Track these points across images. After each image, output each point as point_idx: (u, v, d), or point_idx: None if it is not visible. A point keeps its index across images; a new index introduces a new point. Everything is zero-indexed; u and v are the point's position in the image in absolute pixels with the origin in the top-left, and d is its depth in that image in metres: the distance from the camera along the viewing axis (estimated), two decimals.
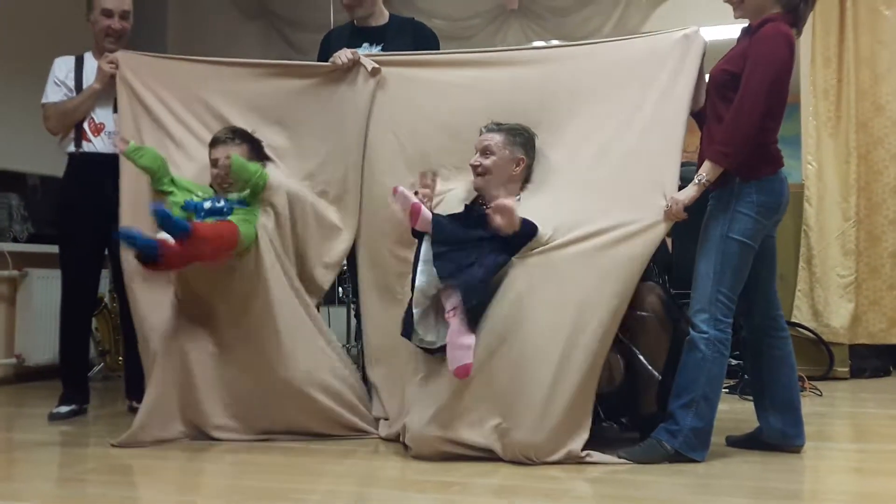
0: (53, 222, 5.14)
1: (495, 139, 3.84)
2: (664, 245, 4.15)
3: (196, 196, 4.10)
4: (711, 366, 3.47)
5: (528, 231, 3.60)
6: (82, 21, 4.80)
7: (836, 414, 5.03)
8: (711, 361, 3.47)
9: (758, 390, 3.76)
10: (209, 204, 4.02)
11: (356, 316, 4.87)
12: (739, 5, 3.61)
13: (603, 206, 3.68)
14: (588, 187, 3.79)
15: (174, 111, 4.41)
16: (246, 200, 4.08)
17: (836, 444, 4.15)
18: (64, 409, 4.68)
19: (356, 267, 4.36)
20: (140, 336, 4.20)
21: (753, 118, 3.41)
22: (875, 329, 6.28)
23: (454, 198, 3.98)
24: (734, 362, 5.31)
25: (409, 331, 3.64)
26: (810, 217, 6.33)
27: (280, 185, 4.20)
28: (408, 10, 6.49)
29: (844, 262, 6.28)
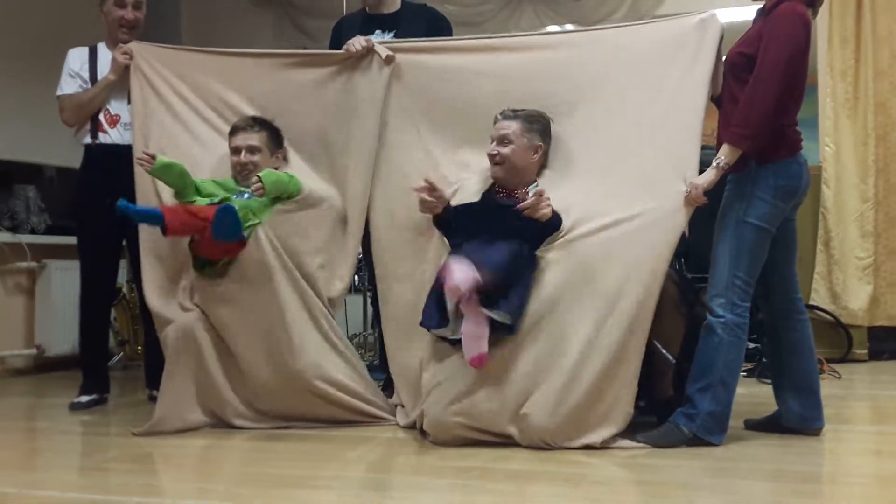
0: (71, 214, 5.15)
1: (513, 127, 3.82)
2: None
3: (221, 197, 4.14)
4: (728, 350, 3.46)
5: (555, 223, 3.61)
6: (96, 12, 4.80)
7: (855, 396, 5.02)
8: (728, 345, 3.46)
9: (776, 373, 3.75)
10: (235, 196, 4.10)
11: (373, 304, 4.88)
12: None
13: (623, 194, 3.68)
14: (607, 174, 3.78)
15: (190, 102, 4.42)
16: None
17: (855, 427, 4.14)
18: (84, 399, 4.71)
19: (371, 255, 4.35)
20: (157, 328, 4.21)
21: (769, 98, 3.39)
22: (894, 311, 6.24)
23: (471, 186, 3.96)
24: (752, 345, 5.30)
25: (430, 321, 3.64)
26: (828, 199, 6.29)
27: (315, 192, 4.25)
28: None
29: (862, 244, 6.25)
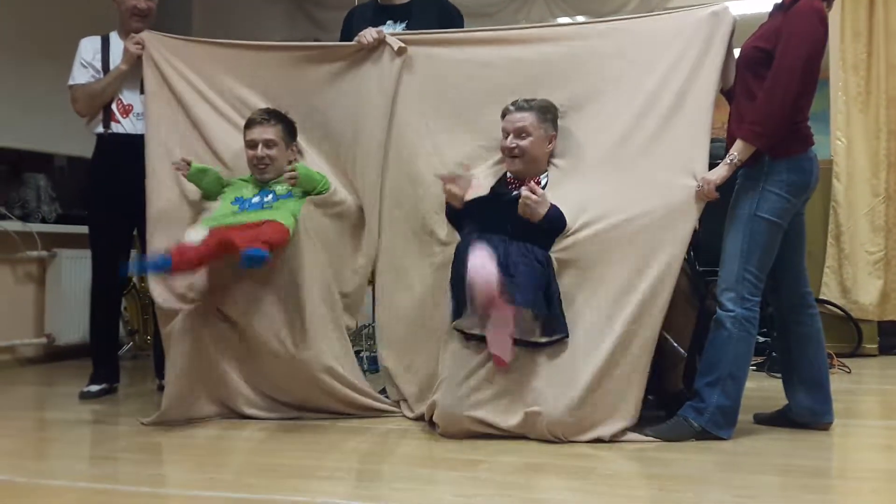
0: (81, 203, 5.17)
1: (529, 119, 3.80)
2: None
3: (244, 193, 4.16)
4: (738, 344, 3.46)
5: (558, 223, 3.61)
6: (108, 1, 4.79)
7: (865, 391, 5.01)
8: (738, 340, 3.46)
9: (786, 367, 3.74)
10: (258, 199, 4.10)
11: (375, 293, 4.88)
12: None
13: (634, 189, 3.68)
14: (617, 168, 3.77)
15: (202, 94, 4.41)
16: (292, 193, 4.13)
17: (865, 422, 4.13)
18: (94, 388, 4.72)
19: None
20: (161, 323, 4.21)
21: (788, 97, 3.38)
22: None
23: (480, 180, 3.94)
24: (762, 340, 5.29)
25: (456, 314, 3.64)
26: (839, 193, 6.27)
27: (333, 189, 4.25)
28: None
29: (873, 239, 6.23)
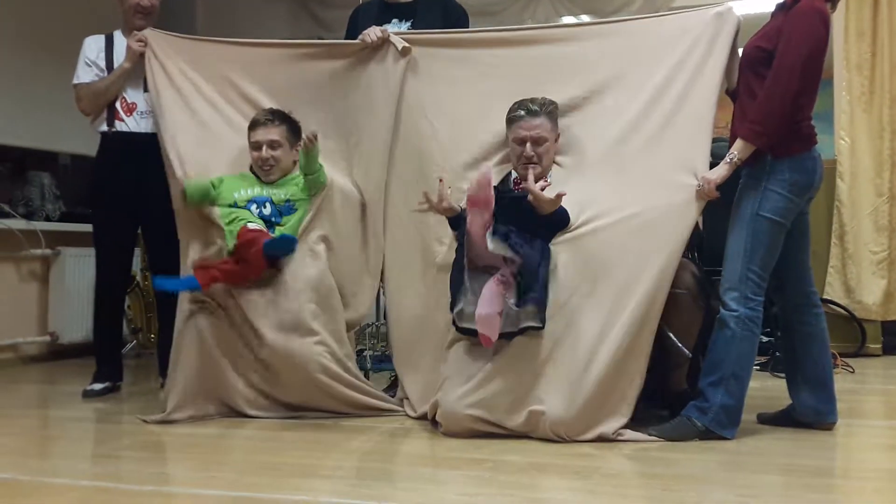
0: (85, 201, 5.17)
1: (545, 125, 3.81)
2: (695, 223, 4.13)
3: (244, 196, 4.16)
4: (741, 343, 3.46)
5: (563, 218, 3.61)
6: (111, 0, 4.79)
7: (869, 391, 5.01)
8: (741, 339, 3.46)
9: (790, 367, 3.74)
10: (258, 211, 4.11)
11: (385, 294, 4.88)
12: None
13: (635, 187, 3.69)
14: (619, 167, 3.78)
15: (205, 93, 4.41)
16: (295, 206, 4.14)
17: (869, 421, 4.13)
18: (98, 387, 4.72)
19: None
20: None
21: (787, 97, 3.38)
22: None
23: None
24: (765, 339, 5.29)
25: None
26: (843, 193, 6.26)
27: (333, 184, 4.24)
28: None
29: (877, 239, 6.22)
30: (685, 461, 3.20)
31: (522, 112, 3.81)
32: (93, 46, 4.74)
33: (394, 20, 4.55)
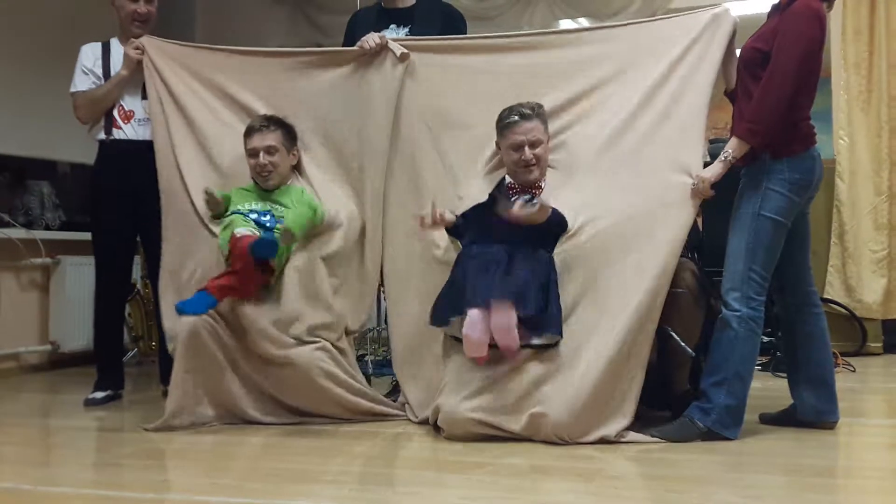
0: (85, 209, 5.17)
1: (539, 127, 3.83)
2: (694, 223, 4.13)
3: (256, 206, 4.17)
4: (744, 344, 3.46)
5: (560, 223, 3.62)
6: (108, 7, 4.78)
7: (870, 389, 5.02)
8: (744, 339, 3.46)
9: (792, 367, 3.74)
10: (268, 218, 4.10)
11: (385, 299, 4.88)
12: None
13: (630, 188, 3.71)
14: (613, 168, 3.81)
15: (203, 100, 4.42)
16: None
17: (870, 420, 4.14)
18: (99, 395, 4.71)
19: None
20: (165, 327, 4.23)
21: (783, 96, 3.39)
22: None
23: (476, 194, 3.94)
24: (766, 339, 5.29)
25: (439, 320, 3.68)
26: (842, 192, 6.27)
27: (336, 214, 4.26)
28: None
29: (877, 237, 6.22)
30: (688, 462, 3.20)
31: (516, 117, 3.82)
32: (89, 54, 4.74)
33: (392, 26, 4.56)
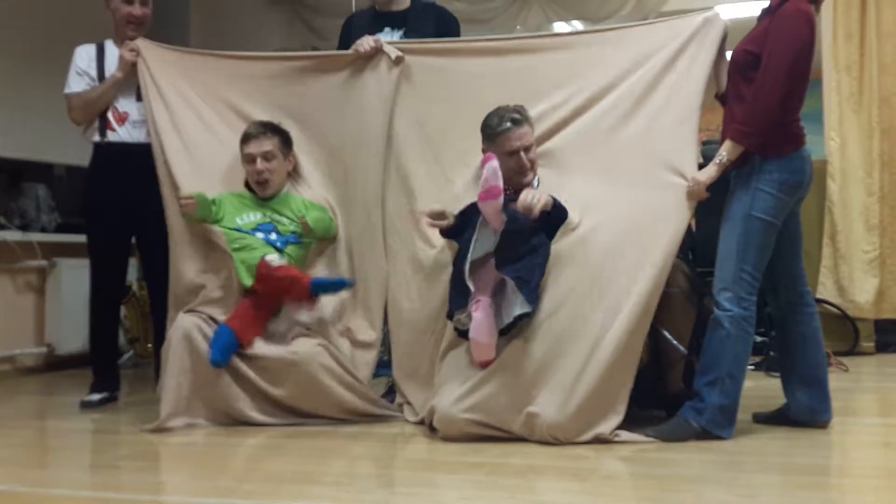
0: (81, 212, 5.17)
1: (529, 131, 3.86)
2: (688, 224, 4.15)
3: (256, 218, 4.20)
4: (736, 343, 3.48)
5: (563, 214, 3.64)
6: (103, 8, 4.77)
7: (863, 389, 5.03)
8: (736, 339, 3.47)
9: (785, 366, 3.76)
10: (263, 238, 4.14)
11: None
12: None
13: (624, 189, 3.72)
14: (606, 170, 3.83)
15: (196, 107, 4.44)
16: (300, 239, 4.19)
17: (863, 420, 4.15)
18: (95, 397, 4.71)
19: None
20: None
21: (774, 98, 3.41)
22: None
23: (470, 196, 3.96)
24: (759, 339, 5.31)
25: (455, 306, 3.69)
26: (834, 193, 6.29)
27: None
28: None
29: (868, 238, 6.25)
30: (682, 462, 3.21)
31: (509, 124, 3.82)
32: (84, 56, 4.73)
33: (386, 29, 4.58)
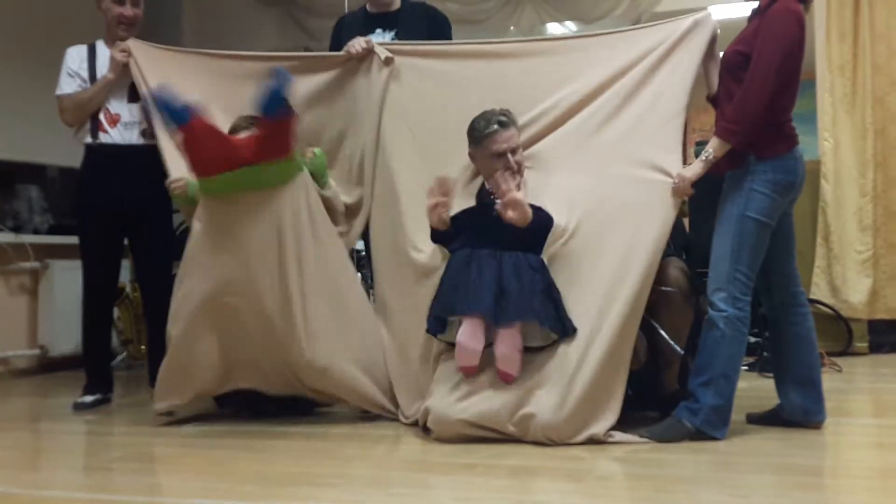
0: (73, 213, 5.17)
1: (516, 134, 3.85)
2: (681, 224, 4.16)
3: None
4: (730, 344, 3.48)
5: (545, 223, 3.63)
6: (94, 9, 4.76)
7: (856, 389, 5.04)
8: (730, 340, 3.48)
9: (778, 366, 3.76)
10: None
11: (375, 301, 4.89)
12: None
13: (610, 188, 3.73)
14: (593, 169, 3.83)
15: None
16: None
17: (857, 420, 4.16)
18: (88, 399, 4.71)
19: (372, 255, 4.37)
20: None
21: (763, 96, 3.41)
22: (893, 304, 6.26)
23: (462, 192, 3.97)
24: (753, 339, 5.32)
25: (435, 328, 3.70)
26: (827, 193, 6.30)
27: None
28: None
29: (862, 238, 6.26)
30: (676, 462, 3.22)
31: (496, 126, 3.81)
32: (75, 57, 4.72)
33: (378, 30, 4.58)
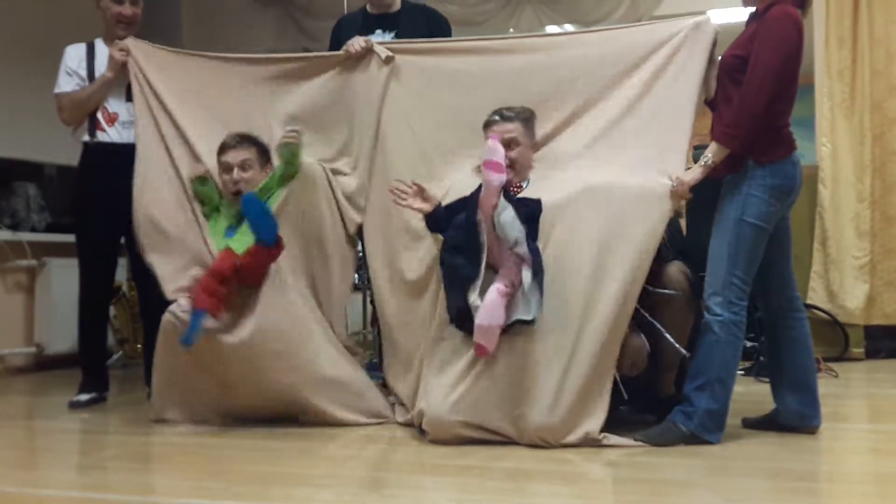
0: (70, 212, 5.16)
1: (518, 129, 3.83)
2: (678, 228, 4.16)
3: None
4: (725, 348, 3.48)
5: (534, 213, 3.61)
6: (94, 8, 4.76)
7: (852, 395, 5.03)
8: (725, 344, 3.48)
9: (775, 371, 3.76)
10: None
11: (372, 302, 4.89)
12: None
13: (608, 188, 3.71)
14: (598, 171, 3.81)
15: (187, 104, 4.42)
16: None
17: (852, 425, 4.16)
18: (84, 397, 4.71)
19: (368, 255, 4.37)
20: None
21: (760, 101, 3.41)
22: (890, 310, 6.25)
23: (462, 189, 3.94)
24: (749, 344, 5.32)
25: (463, 318, 3.64)
26: (825, 198, 6.30)
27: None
28: None
29: (859, 244, 6.26)
30: (671, 466, 3.22)
31: (497, 117, 3.84)
32: (73, 55, 4.72)
33: (378, 31, 4.59)
